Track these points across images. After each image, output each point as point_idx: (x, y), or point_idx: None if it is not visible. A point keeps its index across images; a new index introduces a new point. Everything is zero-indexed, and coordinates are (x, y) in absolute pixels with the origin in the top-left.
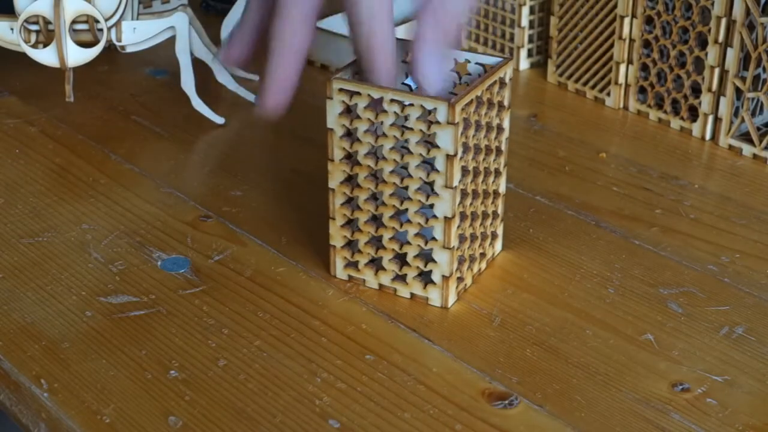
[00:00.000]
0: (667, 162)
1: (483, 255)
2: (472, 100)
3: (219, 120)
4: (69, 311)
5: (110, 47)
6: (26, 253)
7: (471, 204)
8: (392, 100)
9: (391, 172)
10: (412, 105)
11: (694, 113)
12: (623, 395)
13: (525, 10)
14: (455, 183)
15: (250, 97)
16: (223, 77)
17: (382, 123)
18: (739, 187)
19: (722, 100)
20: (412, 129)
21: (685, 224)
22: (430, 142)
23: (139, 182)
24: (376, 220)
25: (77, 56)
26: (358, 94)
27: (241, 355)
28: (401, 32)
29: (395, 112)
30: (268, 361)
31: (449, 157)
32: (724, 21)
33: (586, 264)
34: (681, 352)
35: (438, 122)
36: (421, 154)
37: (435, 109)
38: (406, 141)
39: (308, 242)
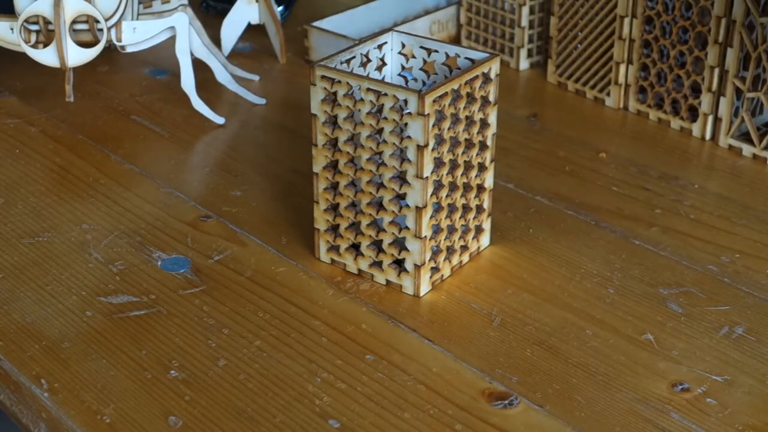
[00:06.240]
0: (667, 162)
1: (465, 248)
2: (447, 92)
3: (219, 120)
4: (69, 311)
5: (110, 47)
6: (26, 253)
7: (448, 196)
8: (368, 90)
9: (368, 159)
10: (386, 95)
11: (694, 113)
12: (623, 395)
13: (525, 10)
14: (427, 173)
15: (250, 97)
16: (223, 77)
17: (359, 111)
18: (739, 187)
19: (722, 100)
20: (386, 119)
21: (685, 224)
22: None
23: (139, 182)
24: (355, 206)
25: (77, 56)
26: (339, 82)
27: (241, 355)
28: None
29: (371, 101)
30: (268, 361)
31: (420, 148)
32: (724, 21)
33: (586, 264)
34: (681, 352)
35: (409, 113)
36: (394, 144)
37: (406, 99)
38: (381, 130)
39: (308, 242)
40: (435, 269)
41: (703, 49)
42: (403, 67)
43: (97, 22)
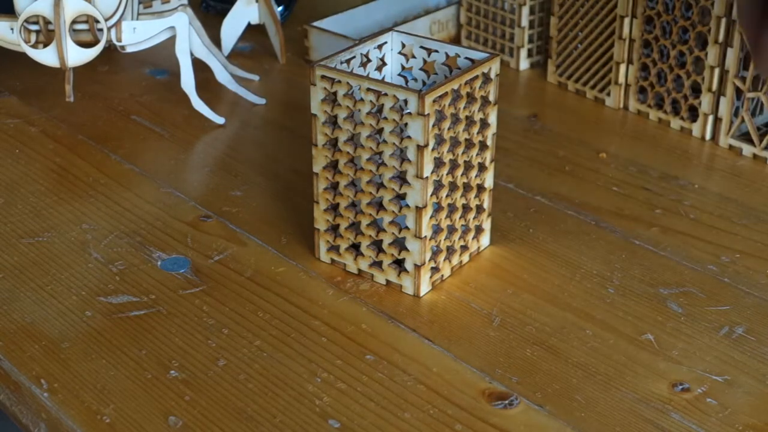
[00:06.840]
0: (667, 162)
1: (465, 248)
2: (447, 92)
3: (219, 120)
4: (69, 311)
5: (110, 47)
6: (26, 253)
7: (448, 196)
8: (368, 90)
9: (368, 159)
10: (386, 95)
11: (694, 113)
12: (623, 395)
13: (525, 10)
14: (427, 173)
15: (250, 97)
16: (223, 77)
17: (359, 111)
18: (739, 187)
19: (722, 100)
20: (386, 119)
21: (685, 224)
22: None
23: (139, 182)
24: (355, 206)
25: (77, 56)
26: (339, 82)
27: (241, 355)
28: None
29: (371, 101)
30: (268, 361)
31: (420, 148)
32: (724, 21)
33: (586, 264)
34: (681, 352)
35: (409, 113)
36: (394, 144)
37: (406, 99)
38: (381, 130)
39: (308, 242)
40: (435, 269)
41: (704, 49)
42: (403, 67)
43: (97, 22)
